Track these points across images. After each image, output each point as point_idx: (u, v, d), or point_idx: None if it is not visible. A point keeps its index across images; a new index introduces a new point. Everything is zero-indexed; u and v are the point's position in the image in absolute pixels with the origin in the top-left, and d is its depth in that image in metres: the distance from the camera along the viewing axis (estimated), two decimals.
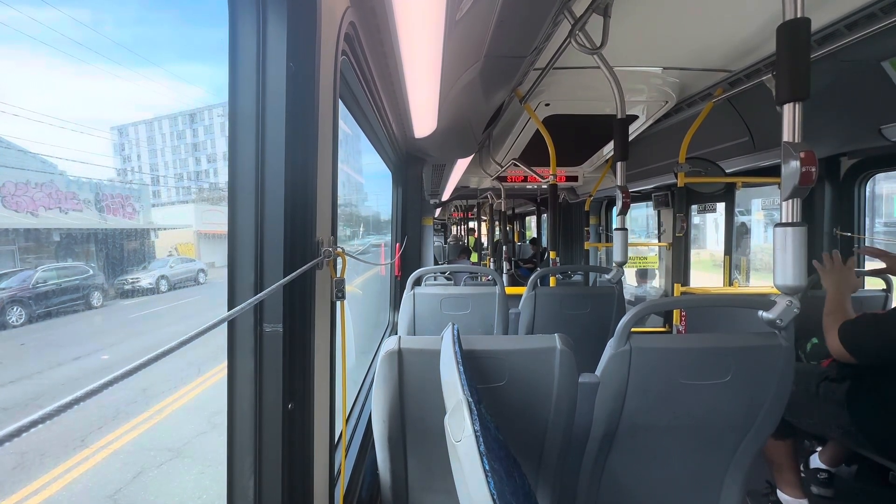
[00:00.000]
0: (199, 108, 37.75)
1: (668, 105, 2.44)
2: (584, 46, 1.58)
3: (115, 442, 3.63)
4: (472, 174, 4.71)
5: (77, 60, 43.07)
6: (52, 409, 0.28)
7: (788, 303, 1.03)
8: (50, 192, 5.44)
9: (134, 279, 7.42)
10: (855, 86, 1.86)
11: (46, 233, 5.25)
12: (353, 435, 1.42)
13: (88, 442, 3.59)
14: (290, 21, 0.66)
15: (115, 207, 7.48)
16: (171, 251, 10.03)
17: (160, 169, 35.83)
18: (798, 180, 0.97)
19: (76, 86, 65.08)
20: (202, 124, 34.45)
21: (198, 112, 35.58)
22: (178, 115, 35.69)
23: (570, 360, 1.00)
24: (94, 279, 5.73)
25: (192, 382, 4.79)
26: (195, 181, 34.17)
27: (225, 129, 2.21)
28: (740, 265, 3.76)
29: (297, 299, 0.72)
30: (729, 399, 1.06)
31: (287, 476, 0.72)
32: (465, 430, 0.55)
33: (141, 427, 3.88)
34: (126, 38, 60.43)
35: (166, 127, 36.17)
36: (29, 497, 2.94)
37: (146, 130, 36.61)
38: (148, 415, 4.10)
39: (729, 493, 1.18)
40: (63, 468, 3.23)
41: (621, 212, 2.08)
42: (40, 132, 15.30)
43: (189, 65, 74.61)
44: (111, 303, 6.39)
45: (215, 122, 33.74)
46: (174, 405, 4.30)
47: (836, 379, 1.46)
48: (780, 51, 1.00)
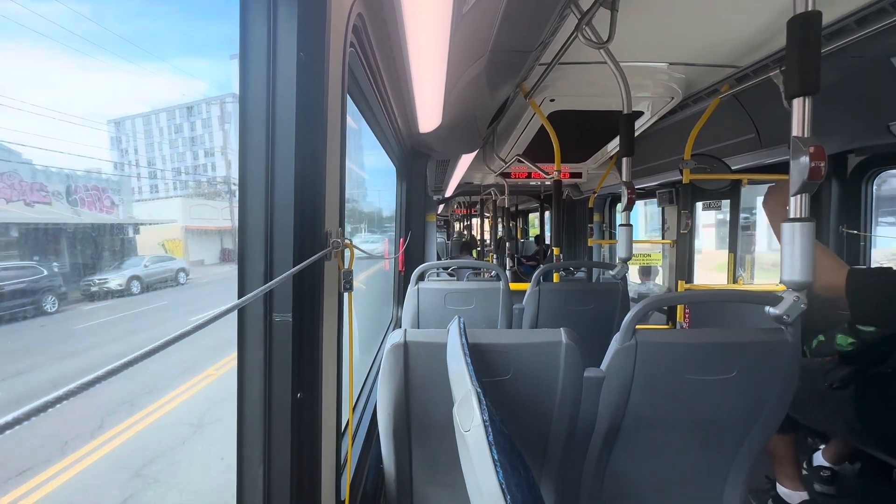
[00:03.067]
0: (196, 100, 37.26)
1: (674, 101, 2.42)
2: (590, 41, 1.57)
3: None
4: (476, 170, 4.70)
5: (76, 53, 42.62)
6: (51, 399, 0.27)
7: (795, 298, 1.03)
8: (12, 183, 4.99)
9: (101, 280, 6.59)
10: (863, 82, 1.84)
11: (4, 227, 4.75)
12: (359, 427, 1.43)
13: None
14: (301, 10, 0.66)
15: (91, 200, 6.86)
16: (153, 250, 9.33)
17: (154, 162, 35.54)
18: (807, 175, 0.97)
19: (70, 77, 64.61)
20: (199, 117, 34.10)
21: (195, 105, 35.21)
22: (175, 109, 35.33)
23: (576, 354, 1.00)
24: (50, 281, 4.99)
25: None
26: (180, 175, 33.31)
27: (222, 123, 2.17)
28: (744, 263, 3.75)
29: (307, 290, 0.73)
30: (734, 394, 1.06)
31: (296, 465, 0.73)
32: (475, 419, 0.55)
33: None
34: (128, 31, 60.19)
35: (163, 121, 36.02)
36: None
37: (141, 124, 36.44)
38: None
39: (732, 488, 1.18)
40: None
41: (626, 208, 2.07)
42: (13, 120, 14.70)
43: (190, 59, 74.23)
44: (69, 308, 5.61)
45: (213, 114, 33.35)
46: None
47: (841, 376, 1.46)
48: (791, 44, 1.00)
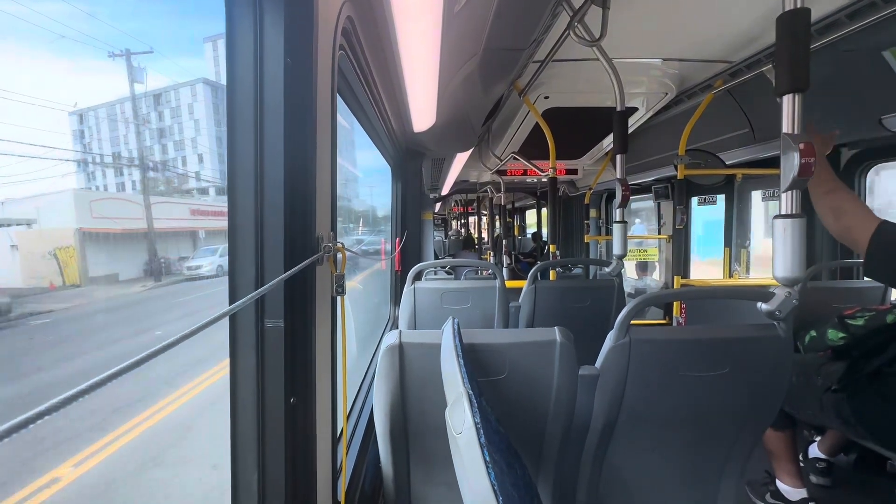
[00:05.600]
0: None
1: (668, 97, 2.43)
2: (583, 38, 1.57)
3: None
4: (472, 168, 4.70)
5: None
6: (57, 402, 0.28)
7: (787, 294, 1.03)
8: None
9: None
10: (855, 76, 1.85)
11: None
12: (356, 429, 1.43)
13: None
14: (287, 16, 0.65)
15: None
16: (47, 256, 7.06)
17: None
18: (797, 172, 0.97)
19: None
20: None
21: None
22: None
23: (570, 352, 1.00)
24: None
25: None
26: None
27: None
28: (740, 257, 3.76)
29: (298, 295, 0.73)
30: (728, 390, 1.06)
31: (290, 470, 0.73)
32: (466, 422, 0.55)
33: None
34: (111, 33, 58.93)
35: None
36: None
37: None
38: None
39: (728, 483, 1.19)
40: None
41: (621, 204, 2.08)
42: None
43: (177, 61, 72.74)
44: None
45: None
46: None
47: (834, 370, 1.47)
48: (780, 41, 0.99)
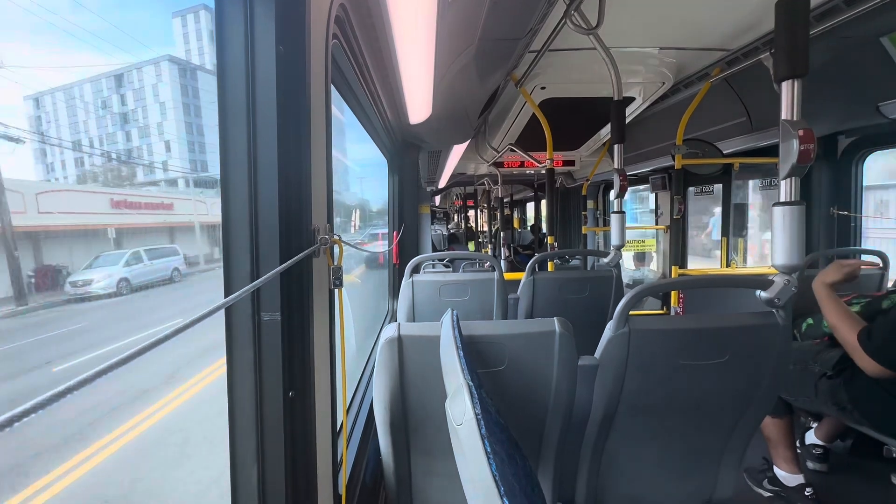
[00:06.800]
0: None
1: (666, 86, 2.41)
2: (579, 27, 1.55)
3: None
4: (469, 160, 4.67)
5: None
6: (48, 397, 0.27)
7: (786, 281, 1.04)
8: None
9: None
10: (853, 63, 1.84)
11: None
12: (356, 422, 1.44)
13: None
14: (279, 2, 0.64)
15: None
16: None
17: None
18: (796, 158, 0.97)
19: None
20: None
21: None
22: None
23: (570, 343, 1.00)
24: None
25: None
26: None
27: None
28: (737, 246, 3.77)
29: (295, 288, 0.72)
30: (727, 378, 1.07)
31: (290, 463, 0.73)
32: (466, 413, 0.55)
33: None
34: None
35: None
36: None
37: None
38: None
39: (727, 470, 1.20)
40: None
41: (618, 195, 2.07)
42: None
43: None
44: None
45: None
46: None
47: (830, 356, 1.48)
48: (779, 27, 0.99)
